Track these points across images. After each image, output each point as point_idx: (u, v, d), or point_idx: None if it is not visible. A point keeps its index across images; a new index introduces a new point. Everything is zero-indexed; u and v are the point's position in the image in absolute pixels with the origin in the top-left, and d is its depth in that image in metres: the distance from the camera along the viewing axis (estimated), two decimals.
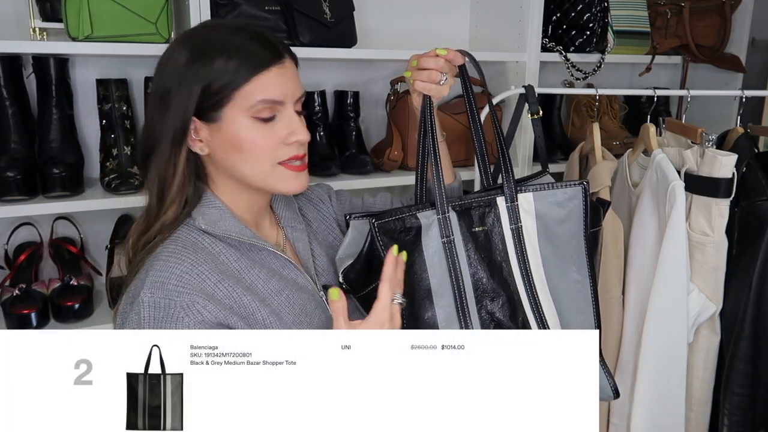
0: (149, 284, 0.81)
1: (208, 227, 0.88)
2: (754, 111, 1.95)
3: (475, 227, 0.98)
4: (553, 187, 0.98)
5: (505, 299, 0.97)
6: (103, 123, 1.50)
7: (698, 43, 1.97)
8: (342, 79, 1.82)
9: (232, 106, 0.85)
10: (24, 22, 1.44)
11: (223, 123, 0.86)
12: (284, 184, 0.91)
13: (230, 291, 0.84)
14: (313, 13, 1.50)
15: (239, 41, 0.86)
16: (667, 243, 1.28)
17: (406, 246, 0.94)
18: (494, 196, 0.98)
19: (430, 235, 0.96)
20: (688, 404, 1.37)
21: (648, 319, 1.31)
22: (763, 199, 1.30)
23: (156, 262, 0.83)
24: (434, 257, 0.95)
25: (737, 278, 1.33)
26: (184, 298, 0.81)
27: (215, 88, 0.84)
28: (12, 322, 1.39)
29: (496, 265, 0.98)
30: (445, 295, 0.96)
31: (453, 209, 0.97)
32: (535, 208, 0.98)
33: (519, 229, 0.98)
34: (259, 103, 0.85)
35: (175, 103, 0.85)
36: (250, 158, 0.87)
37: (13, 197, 1.34)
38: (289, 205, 1.04)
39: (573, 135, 2.05)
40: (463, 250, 0.97)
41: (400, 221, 0.95)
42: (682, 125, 1.43)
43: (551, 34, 1.81)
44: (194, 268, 0.83)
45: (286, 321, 0.89)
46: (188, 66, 0.85)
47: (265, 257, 0.92)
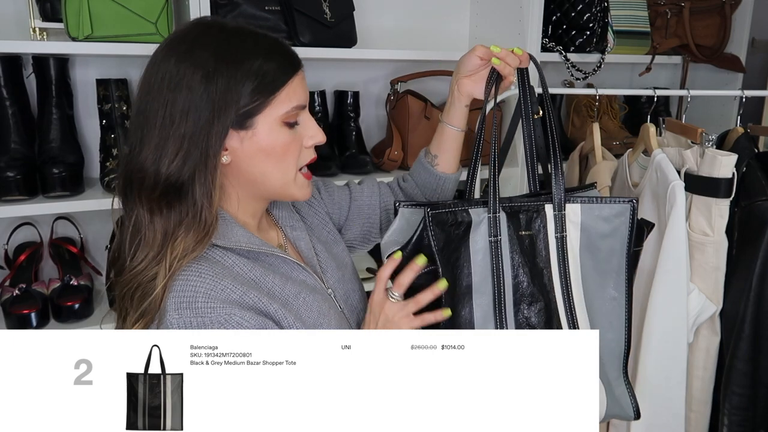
0: (174, 307, 0.78)
1: (218, 240, 0.85)
2: (754, 111, 1.95)
3: (522, 230, 0.99)
4: (602, 201, 0.99)
5: (542, 305, 0.98)
6: (103, 123, 1.50)
7: (698, 43, 1.97)
8: (342, 79, 1.82)
9: (266, 113, 0.84)
10: (24, 22, 1.44)
11: (256, 130, 0.85)
12: (301, 191, 0.92)
13: (257, 300, 0.83)
14: (313, 13, 1.50)
15: (264, 49, 0.85)
16: (667, 243, 1.28)
17: (455, 240, 0.95)
18: (543, 203, 0.99)
19: (479, 233, 0.96)
20: (688, 404, 1.37)
21: (648, 319, 1.31)
22: (763, 199, 1.30)
23: (175, 283, 0.80)
24: (479, 254, 0.96)
25: (737, 278, 1.33)
26: (219, 312, 0.79)
27: (256, 95, 0.82)
28: (12, 322, 1.39)
29: (537, 270, 0.99)
30: (485, 293, 0.97)
31: (503, 210, 0.98)
32: (581, 219, 0.99)
33: (563, 239, 0.99)
34: (294, 109, 0.86)
35: (216, 111, 0.80)
36: (279, 164, 0.87)
37: (13, 197, 1.34)
38: (284, 204, 1.04)
39: (573, 135, 2.05)
40: (508, 252, 0.97)
41: (452, 214, 0.95)
42: (682, 125, 1.43)
43: (551, 34, 1.81)
44: (218, 283, 0.80)
45: (308, 324, 0.88)
46: (215, 78, 0.80)
47: (275, 262, 0.91)
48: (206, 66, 0.80)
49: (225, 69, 0.81)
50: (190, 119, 0.80)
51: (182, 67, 0.81)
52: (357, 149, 1.72)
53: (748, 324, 1.32)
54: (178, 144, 0.80)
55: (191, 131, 0.80)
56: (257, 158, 0.86)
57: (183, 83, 0.80)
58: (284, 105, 0.85)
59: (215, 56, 0.81)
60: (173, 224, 0.81)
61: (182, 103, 0.80)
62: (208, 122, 0.80)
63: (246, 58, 0.82)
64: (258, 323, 0.81)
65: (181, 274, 0.80)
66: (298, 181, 0.91)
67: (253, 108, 0.83)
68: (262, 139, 0.85)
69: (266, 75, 0.83)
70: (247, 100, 0.82)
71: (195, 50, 0.82)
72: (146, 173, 0.81)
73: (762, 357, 1.32)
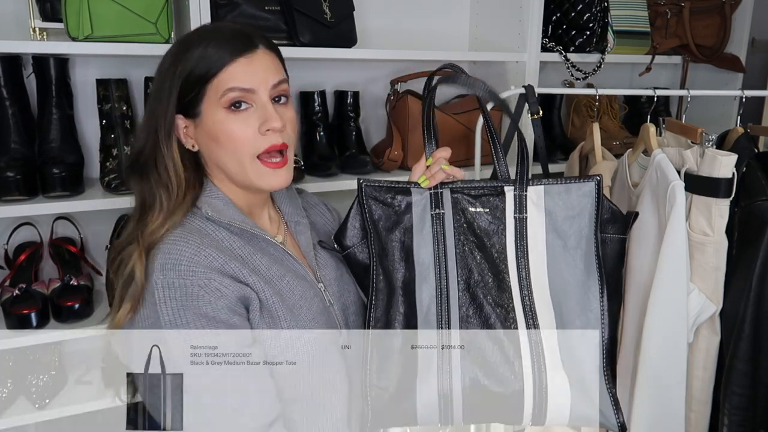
0: (159, 267, 0.83)
1: (213, 215, 0.91)
2: (754, 111, 1.94)
3: (476, 207, 0.96)
4: (565, 182, 0.97)
5: (496, 296, 0.95)
6: (103, 123, 1.50)
7: (698, 43, 1.97)
8: (342, 79, 1.82)
9: (207, 99, 0.88)
10: (24, 22, 1.44)
11: (203, 118, 0.89)
12: (262, 180, 0.91)
13: (237, 271, 0.86)
14: (313, 13, 1.50)
15: (211, 37, 0.88)
16: (667, 243, 1.28)
17: (392, 216, 0.95)
18: (503, 185, 0.97)
19: (419, 208, 0.96)
20: (688, 404, 1.37)
21: (648, 319, 1.31)
22: (763, 199, 1.30)
23: (162, 245, 0.85)
24: (421, 232, 0.95)
25: (737, 278, 1.32)
26: (200, 276, 0.82)
27: (191, 82, 0.87)
28: (12, 322, 1.39)
29: (488, 253, 0.96)
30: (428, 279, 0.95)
31: (448, 188, 0.96)
32: (544, 201, 0.96)
33: (524, 221, 0.96)
34: (227, 91, 0.87)
35: (162, 98, 0.89)
36: (229, 151, 0.89)
37: (13, 197, 1.34)
38: (293, 201, 1.05)
39: (573, 135, 2.04)
40: (452, 229, 0.95)
41: (390, 190, 0.96)
42: (682, 125, 1.43)
43: (551, 34, 1.81)
44: (202, 251, 0.85)
45: (288, 304, 0.90)
46: (169, 65, 0.89)
47: (266, 246, 0.94)
48: (172, 54, 0.90)
49: (180, 56, 0.89)
50: (152, 100, 0.91)
51: (164, 56, 0.92)
52: (357, 149, 1.72)
53: (748, 324, 1.31)
54: (144, 120, 0.93)
55: (150, 110, 0.92)
56: (210, 146, 0.90)
57: (159, 69, 0.92)
58: (219, 89, 0.87)
59: (179, 45, 0.91)
60: (147, 194, 0.90)
61: (153, 86, 0.93)
62: (160, 103, 0.89)
63: (192, 46, 0.88)
64: (236, 290, 0.84)
65: (169, 239, 0.86)
66: (254, 169, 0.90)
67: (196, 95, 0.88)
68: (208, 126, 0.89)
69: (202, 60, 0.87)
70: (189, 86, 0.88)
71: (179, 43, 0.92)
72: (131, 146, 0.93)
73: (762, 357, 1.32)
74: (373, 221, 0.95)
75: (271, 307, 0.87)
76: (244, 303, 0.86)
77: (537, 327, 0.93)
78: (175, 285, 0.82)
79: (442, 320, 0.92)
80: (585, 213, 0.96)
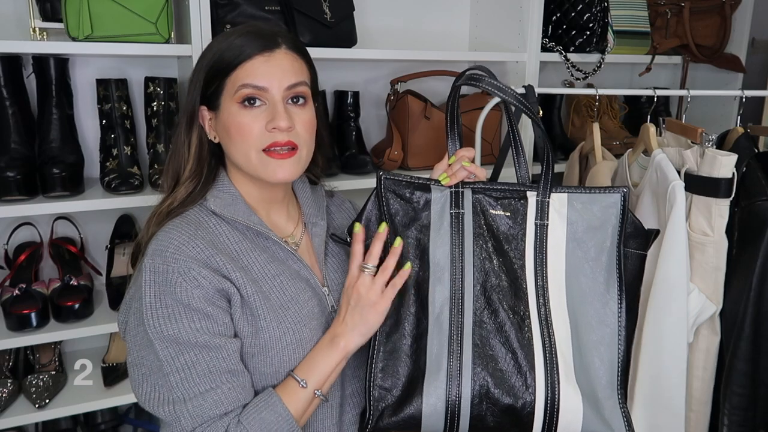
0: (150, 252, 0.86)
1: (218, 209, 0.92)
2: (754, 111, 1.94)
3: (496, 210, 0.94)
4: (591, 191, 0.94)
5: (511, 303, 0.91)
6: (103, 123, 1.50)
7: (698, 43, 1.97)
8: (342, 79, 1.82)
9: (225, 93, 0.91)
10: (24, 22, 1.44)
11: (221, 110, 0.92)
12: (268, 172, 0.92)
13: (221, 265, 0.88)
14: (313, 13, 1.51)
15: (238, 34, 0.92)
16: (667, 243, 1.28)
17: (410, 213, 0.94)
18: (526, 190, 0.94)
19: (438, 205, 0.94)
20: (688, 404, 1.37)
21: (648, 319, 1.31)
22: (763, 199, 1.30)
23: (159, 233, 0.89)
24: (438, 231, 0.93)
25: (737, 278, 1.32)
26: (181, 264, 0.85)
27: (212, 75, 0.91)
28: (12, 322, 1.39)
29: (508, 259, 0.93)
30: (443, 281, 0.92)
31: (470, 188, 0.94)
32: (567, 209, 0.93)
33: (544, 228, 0.93)
34: (241, 87, 0.90)
35: (190, 88, 0.94)
36: (238, 144, 0.91)
37: (13, 197, 1.34)
38: (317, 202, 1.05)
39: (573, 135, 2.05)
40: (471, 231, 0.93)
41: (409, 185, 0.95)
42: (682, 125, 1.43)
43: (551, 34, 1.81)
44: (191, 241, 0.87)
45: (273, 304, 0.90)
46: (201, 56, 0.95)
47: (269, 245, 0.95)
48: (206, 47, 0.96)
49: (209, 49, 0.94)
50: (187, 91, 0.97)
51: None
52: (357, 149, 1.72)
53: (748, 324, 1.31)
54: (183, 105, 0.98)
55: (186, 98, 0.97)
56: (225, 137, 0.93)
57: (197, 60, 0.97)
58: (234, 85, 0.90)
59: (214, 39, 0.97)
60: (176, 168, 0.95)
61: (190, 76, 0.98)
62: (189, 93, 0.95)
63: (220, 40, 0.94)
64: (215, 282, 0.86)
65: (165, 227, 0.89)
66: (260, 160, 0.91)
67: (216, 88, 0.91)
68: (223, 118, 0.92)
69: (224, 54, 0.91)
70: (211, 78, 0.92)
71: (216, 37, 1.00)
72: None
73: (762, 357, 1.32)
74: (390, 215, 0.93)
75: (252, 305, 0.88)
76: (224, 296, 0.87)
77: (552, 338, 0.89)
78: (159, 270, 0.84)
79: (454, 323, 0.89)
80: (608, 225, 0.93)
